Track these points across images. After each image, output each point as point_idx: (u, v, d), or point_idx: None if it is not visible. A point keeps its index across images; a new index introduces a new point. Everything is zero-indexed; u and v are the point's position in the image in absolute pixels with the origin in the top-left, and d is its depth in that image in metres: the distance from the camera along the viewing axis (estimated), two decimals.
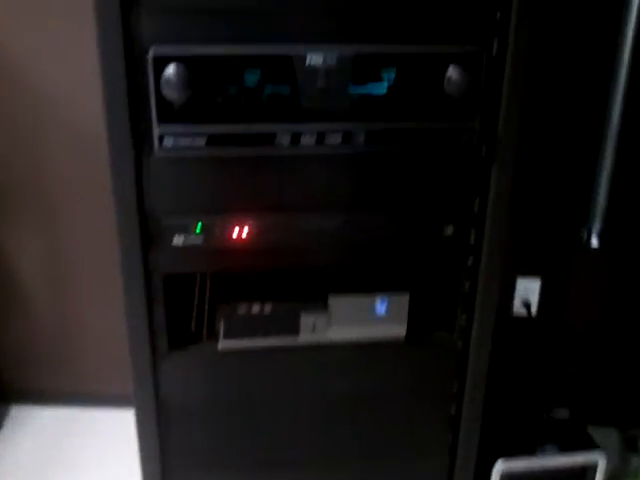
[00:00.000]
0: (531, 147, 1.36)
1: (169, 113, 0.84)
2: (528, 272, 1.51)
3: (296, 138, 0.88)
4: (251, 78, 0.84)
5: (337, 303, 1.03)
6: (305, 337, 1.03)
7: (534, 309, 1.53)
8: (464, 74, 0.88)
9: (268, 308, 1.02)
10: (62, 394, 1.62)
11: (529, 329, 1.54)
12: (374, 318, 1.05)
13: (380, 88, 0.88)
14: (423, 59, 0.87)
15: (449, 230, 0.99)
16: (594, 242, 1.34)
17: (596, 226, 1.34)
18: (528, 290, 1.55)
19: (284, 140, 0.88)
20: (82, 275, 1.51)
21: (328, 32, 0.84)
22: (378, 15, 0.85)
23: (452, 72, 0.88)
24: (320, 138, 0.89)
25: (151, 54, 0.81)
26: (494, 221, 0.98)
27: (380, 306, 1.05)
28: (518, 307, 1.54)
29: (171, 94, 0.82)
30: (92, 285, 1.51)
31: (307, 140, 0.88)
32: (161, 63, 0.81)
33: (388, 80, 0.88)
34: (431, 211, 0.97)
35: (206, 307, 1.07)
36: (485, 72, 0.89)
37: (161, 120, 0.84)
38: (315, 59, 0.85)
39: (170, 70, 0.81)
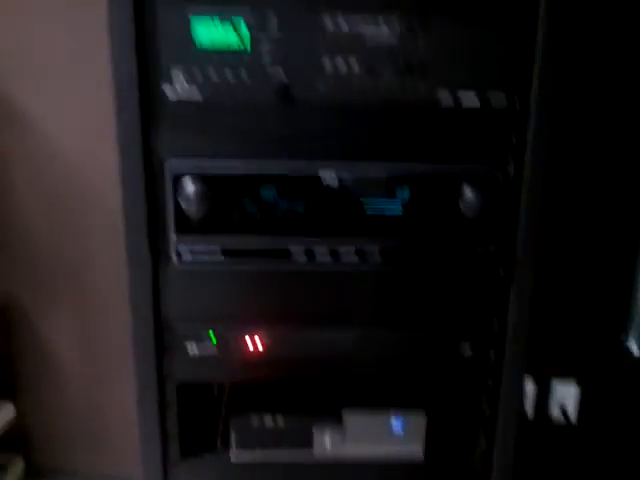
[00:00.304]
0: (568, 249, 1.33)
1: (186, 227, 0.86)
2: (565, 375, 1.46)
3: (310, 254, 0.89)
4: (267, 194, 0.86)
5: (352, 419, 1.01)
6: (319, 452, 1.01)
7: (571, 414, 1.46)
8: (479, 194, 0.88)
9: (281, 421, 1.01)
10: (95, 475, 1.60)
11: (567, 436, 1.47)
12: (390, 436, 1.02)
13: (394, 206, 0.88)
14: (437, 179, 0.88)
15: (467, 349, 0.97)
16: (634, 349, 1.29)
17: (635, 334, 1.29)
18: (565, 394, 1.48)
19: (299, 255, 0.89)
20: (116, 356, 1.53)
21: (342, 152, 0.86)
22: (392, 135, 0.86)
23: (467, 192, 0.88)
24: (334, 255, 0.89)
25: (170, 170, 0.84)
26: (513, 343, 0.95)
27: (396, 424, 1.02)
28: (554, 411, 1.48)
29: (189, 209, 0.85)
30: (126, 366, 1.52)
31: (322, 256, 0.89)
32: (179, 179, 0.84)
33: (402, 199, 0.88)
34: (448, 329, 0.95)
35: (221, 416, 1.06)
36: (501, 193, 0.89)
37: (179, 233, 0.86)
38: (329, 178, 0.87)
39: (188, 186, 0.84)
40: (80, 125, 1.38)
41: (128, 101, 0.81)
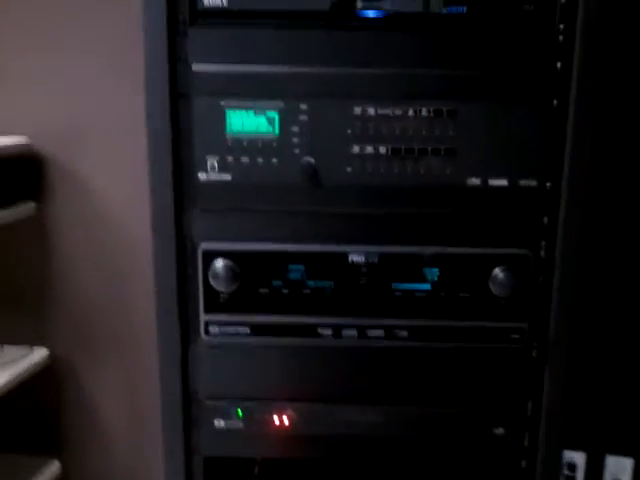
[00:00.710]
0: (603, 327, 1.29)
1: (215, 303, 0.88)
2: (619, 451, 1.39)
3: (337, 331, 0.89)
4: (294, 273, 0.88)
5: None
6: None
7: None
8: (510, 276, 0.87)
9: None
10: None
11: None
12: None
13: (423, 287, 0.88)
14: (468, 260, 0.88)
15: (500, 431, 0.94)
16: None
17: None
18: (619, 469, 1.41)
19: (326, 332, 0.89)
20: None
21: (371, 233, 0.87)
22: (421, 218, 0.87)
23: (498, 274, 0.87)
24: (362, 332, 0.89)
25: (201, 250, 0.86)
26: (548, 425, 0.93)
27: None
28: None
29: (218, 286, 0.87)
30: None
31: (349, 333, 0.89)
32: (210, 257, 0.86)
33: (431, 278, 0.88)
34: (479, 411, 0.93)
35: None
36: (533, 274, 0.88)
37: (208, 310, 0.88)
38: (357, 257, 0.87)
39: (218, 264, 0.86)
40: (130, 187, 1.43)
41: (162, 188, 0.84)
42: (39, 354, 1.50)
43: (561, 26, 0.82)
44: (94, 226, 1.48)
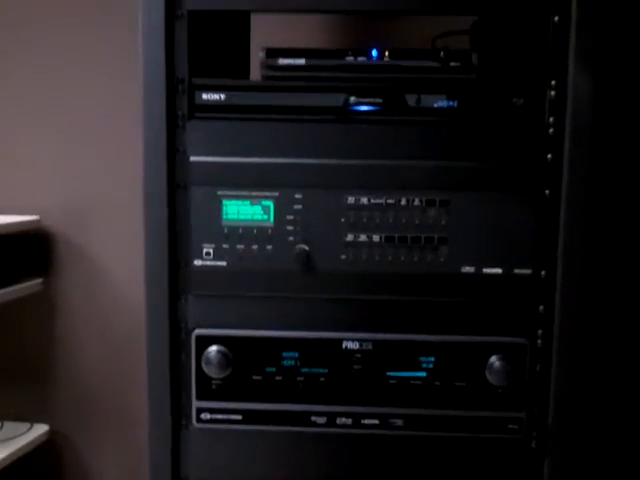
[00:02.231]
0: (604, 418, 1.26)
1: (208, 389, 0.88)
2: None
3: (332, 419, 0.88)
4: (288, 360, 0.87)
5: None
6: None
7: None
8: (507, 365, 0.86)
9: None
10: None
11: None
12: None
13: (418, 374, 0.87)
14: (463, 348, 0.87)
15: None
16: None
17: None
18: None
19: (319, 420, 0.88)
20: None
21: (365, 319, 0.87)
22: (416, 305, 0.87)
23: (494, 362, 0.86)
24: (356, 420, 0.88)
25: (194, 334, 0.87)
26: None
27: None
28: None
29: (211, 372, 0.87)
30: None
31: (343, 421, 0.88)
32: (203, 343, 0.87)
33: (427, 367, 0.87)
34: None
35: None
36: (530, 363, 0.87)
37: (200, 396, 0.88)
38: (351, 344, 0.87)
39: (211, 350, 0.86)
40: (136, 265, 1.45)
41: (158, 273, 0.85)
42: (39, 430, 1.49)
43: (551, 119, 0.84)
44: (100, 303, 1.50)
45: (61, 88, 1.44)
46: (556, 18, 0.82)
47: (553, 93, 0.83)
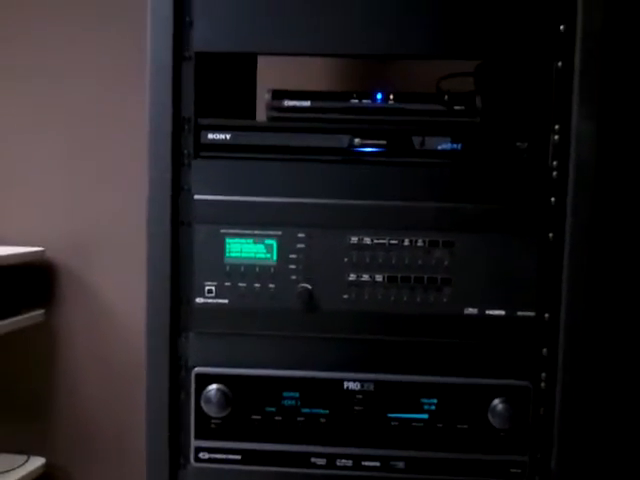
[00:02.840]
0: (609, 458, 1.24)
1: (207, 428, 0.87)
2: None
3: (332, 461, 0.87)
4: (288, 400, 0.87)
5: None
6: None
7: None
8: (510, 408, 0.85)
9: None
10: None
11: None
12: None
13: (420, 416, 0.87)
14: (466, 391, 0.86)
15: None
16: None
17: None
18: None
19: (319, 462, 0.87)
20: None
21: (366, 359, 0.87)
22: (418, 349, 0.87)
23: (497, 405, 0.86)
24: (357, 462, 0.87)
25: (194, 373, 0.86)
26: None
27: None
28: None
29: (210, 411, 0.86)
30: None
31: (343, 463, 0.87)
32: (203, 382, 0.86)
33: (429, 409, 0.87)
34: None
35: None
36: (533, 406, 0.86)
37: (198, 435, 0.87)
38: (353, 385, 0.86)
39: (211, 389, 0.86)
40: (139, 297, 1.45)
41: (159, 311, 0.85)
42: (35, 463, 1.47)
43: (554, 163, 0.84)
44: (101, 336, 1.49)
45: (66, 120, 1.46)
46: (559, 63, 0.83)
47: (557, 137, 0.84)
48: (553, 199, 0.84)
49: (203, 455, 0.87)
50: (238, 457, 0.87)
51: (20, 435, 1.53)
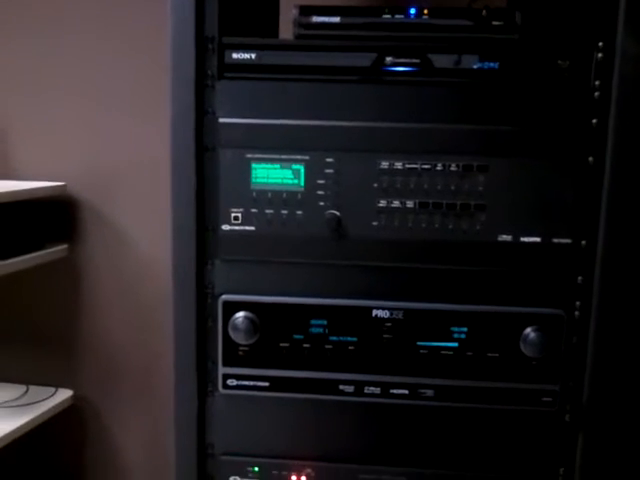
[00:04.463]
0: None
1: (235, 356, 0.86)
2: None
3: (360, 388, 0.87)
4: (316, 327, 0.86)
5: None
6: None
7: None
8: (543, 337, 0.84)
9: None
10: None
11: None
12: None
13: (450, 344, 0.85)
14: (498, 319, 0.85)
15: None
16: None
17: None
18: None
19: (347, 389, 0.87)
20: None
21: (396, 288, 0.85)
22: (449, 274, 0.85)
23: (529, 334, 0.84)
24: (385, 390, 0.86)
25: (221, 300, 0.85)
26: None
27: None
28: None
29: (238, 338, 0.85)
30: None
31: (371, 391, 0.87)
32: (230, 309, 0.85)
33: (459, 337, 0.85)
34: (507, 477, 0.89)
35: None
36: (566, 335, 0.84)
37: (226, 363, 0.87)
38: (381, 313, 0.85)
39: (238, 316, 0.85)
40: (161, 231, 1.44)
41: (185, 238, 0.84)
42: (63, 395, 1.49)
43: (597, 82, 0.80)
44: (125, 269, 1.50)
45: (87, 57, 1.43)
46: None
47: (600, 55, 0.79)
48: (594, 121, 0.80)
49: (231, 382, 0.87)
50: (266, 384, 0.87)
51: (48, 368, 1.55)
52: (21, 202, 1.34)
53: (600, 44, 0.80)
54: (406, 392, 0.87)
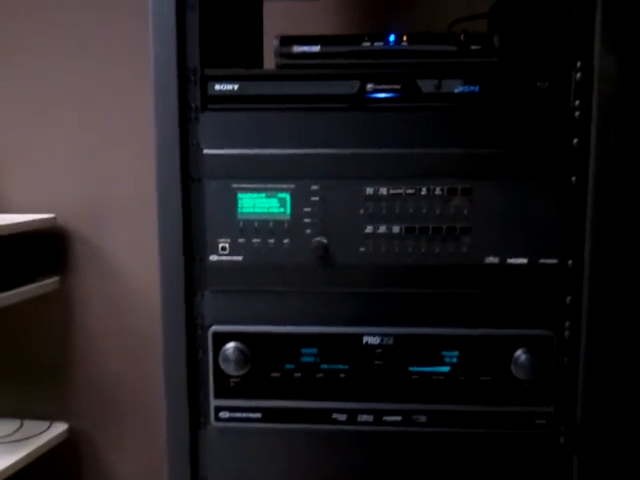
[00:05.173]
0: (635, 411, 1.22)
1: (226, 387, 0.86)
2: None
3: (353, 416, 0.86)
4: (307, 356, 0.85)
5: None
6: None
7: None
8: (533, 359, 0.84)
9: None
10: None
11: None
12: None
13: (442, 369, 0.85)
14: (488, 342, 0.84)
15: None
16: None
17: None
18: None
19: (340, 418, 0.86)
20: None
21: (385, 313, 0.85)
22: (438, 298, 0.84)
23: (520, 356, 0.84)
24: (378, 417, 0.86)
25: (211, 331, 0.85)
26: None
27: None
28: None
29: (229, 369, 0.85)
30: None
31: (364, 418, 0.86)
32: (220, 340, 0.85)
33: (450, 361, 0.85)
34: None
35: None
36: (557, 356, 0.84)
37: (218, 394, 0.86)
38: (372, 339, 0.85)
39: (228, 347, 0.84)
40: (151, 261, 1.44)
41: (173, 270, 0.84)
42: (58, 429, 1.48)
43: (577, 102, 0.81)
44: (116, 300, 1.49)
45: (78, 88, 1.44)
46: None
47: (579, 75, 0.80)
48: (575, 140, 0.81)
49: (223, 414, 0.86)
50: (259, 415, 0.86)
51: (42, 402, 1.54)
52: (11, 235, 1.33)
53: (578, 64, 0.81)
54: (399, 419, 0.86)
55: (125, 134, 1.42)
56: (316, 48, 0.82)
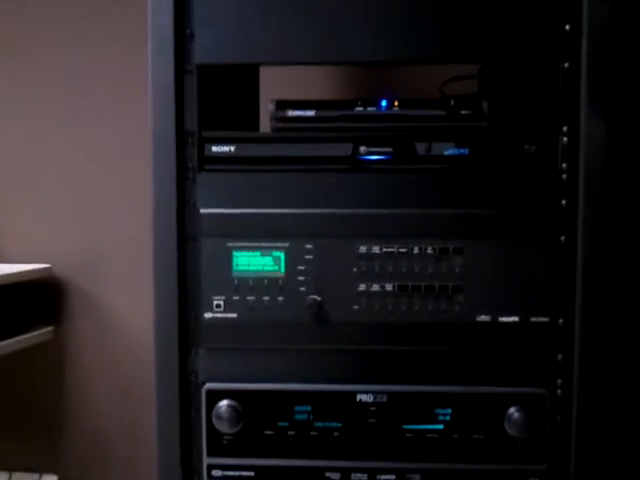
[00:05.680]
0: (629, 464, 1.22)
1: (219, 445, 0.86)
2: None
3: (346, 475, 0.86)
4: (301, 414, 0.85)
5: None
6: None
7: None
8: (526, 416, 0.84)
9: None
10: None
11: None
12: None
13: (435, 427, 0.85)
14: (481, 400, 0.85)
15: None
16: None
17: None
18: None
19: (334, 477, 0.86)
20: None
21: (379, 371, 0.85)
22: (431, 356, 0.85)
23: (513, 414, 0.84)
24: (372, 476, 0.86)
25: (204, 389, 0.85)
26: None
27: None
28: None
29: (222, 427, 0.85)
30: None
31: (358, 477, 0.86)
32: (214, 398, 0.85)
33: (444, 419, 0.85)
34: None
35: None
36: (550, 413, 0.84)
37: (211, 453, 0.86)
38: (365, 397, 0.85)
39: (222, 405, 0.84)
40: (147, 312, 1.44)
41: (167, 327, 0.84)
42: None
43: (564, 165, 0.83)
44: (111, 352, 1.49)
45: (74, 136, 1.46)
46: (566, 64, 0.82)
47: (565, 139, 0.83)
48: (564, 202, 0.83)
49: (216, 473, 0.86)
50: (251, 474, 0.86)
51: (32, 453, 1.52)
52: (5, 286, 1.34)
53: (565, 128, 0.83)
54: (393, 477, 0.86)
55: (122, 185, 1.44)
56: (311, 112, 0.84)
